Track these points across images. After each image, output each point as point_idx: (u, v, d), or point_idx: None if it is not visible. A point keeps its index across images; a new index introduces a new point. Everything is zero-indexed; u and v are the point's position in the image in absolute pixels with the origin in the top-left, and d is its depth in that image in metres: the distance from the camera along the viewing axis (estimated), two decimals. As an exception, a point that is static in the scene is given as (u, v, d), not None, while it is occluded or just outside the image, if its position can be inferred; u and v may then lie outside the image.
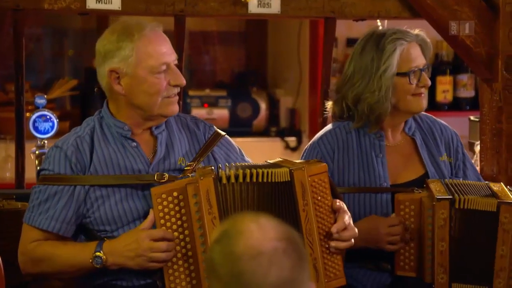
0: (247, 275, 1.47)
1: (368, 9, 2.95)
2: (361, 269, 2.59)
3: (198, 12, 2.85)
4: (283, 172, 2.28)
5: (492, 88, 2.93)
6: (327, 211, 2.31)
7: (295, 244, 1.51)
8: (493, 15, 2.88)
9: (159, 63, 2.32)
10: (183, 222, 2.27)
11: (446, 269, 2.48)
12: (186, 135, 2.46)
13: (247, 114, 4.77)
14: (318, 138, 2.65)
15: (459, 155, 2.69)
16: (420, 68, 2.57)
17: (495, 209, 2.45)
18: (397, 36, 2.56)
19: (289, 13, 2.93)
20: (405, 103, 2.58)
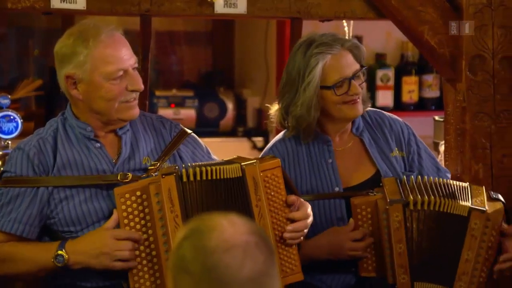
0: (221, 269, 1.46)
1: (334, 9, 2.96)
2: (326, 270, 2.60)
3: (164, 12, 2.84)
4: (235, 168, 2.28)
5: (456, 89, 2.95)
6: (282, 206, 2.32)
7: (265, 239, 1.52)
8: (457, 16, 2.91)
9: (115, 69, 2.31)
10: (147, 221, 2.27)
11: (406, 269, 2.49)
12: (151, 135, 2.45)
13: (214, 114, 4.76)
14: (268, 149, 2.66)
15: (412, 148, 2.69)
16: (348, 78, 2.53)
17: (466, 213, 2.46)
18: (320, 49, 2.52)
19: (255, 14, 2.93)
20: (338, 112, 2.57)
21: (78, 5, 2.75)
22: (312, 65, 2.52)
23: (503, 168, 2.92)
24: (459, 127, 2.95)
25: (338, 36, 2.60)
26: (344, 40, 2.58)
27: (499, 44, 2.89)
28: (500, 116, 2.92)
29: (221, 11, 2.88)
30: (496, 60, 2.90)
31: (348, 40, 2.60)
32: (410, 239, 2.48)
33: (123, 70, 2.32)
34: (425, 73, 4.60)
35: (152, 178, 2.29)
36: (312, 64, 2.52)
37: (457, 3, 2.91)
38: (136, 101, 2.37)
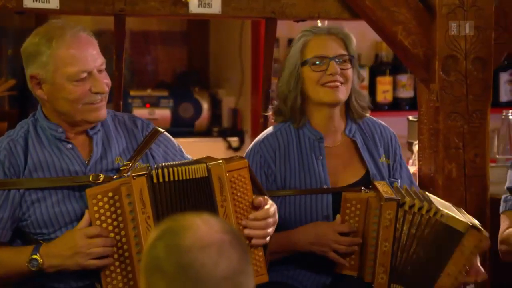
0: (197, 267, 1.45)
1: (309, 10, 2.96)
2: (302, 270, 2.60)
3: (138, 12, 2.83)
4: (200, 168, 2.27)
5: (429, 89, 2.97)
6: (248, 207, 2.31)
7: (239, 237, 1.52)
8: (430, 16, 2.93)
9: (77, 71, 2.28)
10: (119, 222, 2.26)
11: (386, 269, 2.49)
12: (123, 134, 2.44)
13: (189, 114, 4.75)
14: (259, 141, 2.65)
15: (397, 157, 2.72)
16: (328, 57, 2.58)
17: (463, 230, 2.45)
18: (306, 29, 2.64)
19: (229, 14, 2.93)
20: (314, 93, 2.59)
21: (51, 5, 2.73)
22: (295, 42, 2.62)
23: (475, 167, 2.94)
24: (433, 127, 2.97)
25: (332, 24, 2.65)
26: (333, 27, 2.64)
27: (472, 45, 2.91)
28: (472, 116, 2.95)
29: (195, 11, 2.87)
30: (469, 60, 2.92)
31: (339, 28, 2.64)
32: (397, 239, 2.49)
33: (86, 72, 2.29)
34: (399, 73, 4.63)
35: (123, 179, 2.28)
36: (295, 42, 2.62)
37: (430, 3, 2.93)
38: (102, 103, 2.35)
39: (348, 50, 2.61)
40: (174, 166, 2.28)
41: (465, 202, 2.93)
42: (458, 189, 2.91)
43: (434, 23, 2.91)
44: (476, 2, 2.90)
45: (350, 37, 2.63)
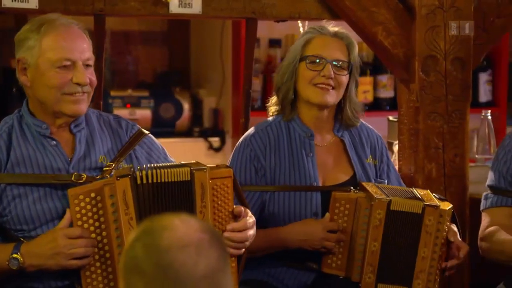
0: (176, 267, 1.45)
1: (289, 10, 2.97)
2: (284, 268, 2.61)
3: (118, 12, 2.82)
4: (184, 172, 2.26)
5: (409, 89, 2.98)
6: (227, 217, 2.30)
7: (218, 237, 1.52)
8: (410, 17, 2.94)
9: (61, 57, 2.29)
10: (101, 223, 2.25)
11: (374, 269, 2.51)
12: (108, 134, 2.43)
13: (170, 115, 4.74)
14: (250, 135, 2.65)
15: (384, 158, 2.74)
16: (326, 59, 2.59)
17: (420, 211, 2.49)
18: (313, 27, 2.66)
19: (210, 14, 2.93)
20: (305, 91, 2.61)
21: (30, 4, 2.72)
22: (300, 37, 2.65)
23: (455, 167, 2.96)
24: (413, 127, 2.98)
25: (340, 29, 2.66)
26: (340, 32, 2.65)
27: (451, 45, 2.93)
28: (452, 116, 2.96)
29: (176, 11, 2.87)
30: (448, 60, 2.94)
31: (345, 34, 2.64)
32: (386, 239, 2.51)
33: (70, 61, 2.30)
34: (379, 73, 4.64)
35: (107, 180, 2.27)
36: (300, 36, 2.65)
37: (410, 4, 2.94)
38: (83, 97, 2.34)
39: (349, 56, 2.62)
40: (158, 168, 2.27)
41: (445, 202, 2.94)
42: (438, 188, 2.93)
43: (413, 23, 2.93)
44: (455, 2, 2.92)
45: (354, 45, 2.64)
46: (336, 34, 2.63)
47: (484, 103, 4.70)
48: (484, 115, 3.47)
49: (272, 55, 4.64)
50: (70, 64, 2.30)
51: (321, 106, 2.62)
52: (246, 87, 3.12)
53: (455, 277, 2.62)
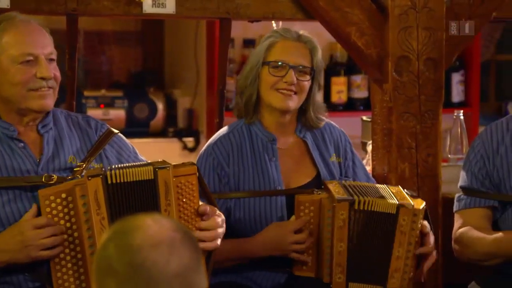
0: (148, 266, 1.45)
1: (263, 10, 2.97)
2: (257, 270, 2.60)
3: (91, 11, 2.81)
4: (147, 171, 2.25)
5: (382, 89, 3.00)
6: (193, 214, 2.29)
7: (190, 236, 1.52)
8: (383, 17, 2.95)
9: (22, 53, 2.27)
10: (72, 224, 2.24)
11: (343, 269, 2.51)
12: (77, 134, 2.42)
13: (144, 115, 4.73)
14: (212, 144, 2.65)
15: (348, 155, 2.74)
16: (289, 64, 2.59)
17: (394, 211, 2.50)
18: (277, 30, 2.65)
19: (184, 14, 2.92)
20: (267, 95, 2.61)
21: (2, 4, 2.70)
22: (263, 40, 2.63)
23: (427, 167, 2.98)
24: (386, 127, 3.00)
25: (304, 33, 2.65)
26: (304, 36, 2.63)
27: (424, 46, 2.95)
28: (425, 116, 2.98)
29: (149, 11, 2.86)
30: (421, 61, 2.96)
31: (308, 38, 2.64)
32: (351, 238, 2.51)
33: (33, 56, 2.29)
34: (353, 73, 4.66)
35: (78, 180, 2.26)
36: (264, 39, 2.63)
37: (383, 5, 2.95)
38: (48, 92, 2.32)
39: (312, 61, 2.62)
40: (125, 167, 2.27)
41: (418, 201, 2.96)
42: (411, 188, 2.93)
43: (386, 24, 2.94)
44: (428, 3, 2.93)
45: (318, 49, 2.64)
46: (300, 38, 2.62)
47: (457, 103, 4.74)
48: (456, 115, 3.50)
49: (246, 55, 4.64)
50: (33, 59, 2.29)
51: (283, 111, 2.62)
52: (220, 87, 3.11)
53: (429, 277, 2.63)
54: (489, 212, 2.65)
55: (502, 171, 2.63)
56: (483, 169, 2.66)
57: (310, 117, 2.67)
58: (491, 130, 2.69)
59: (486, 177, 2.65)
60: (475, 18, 3.01)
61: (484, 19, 3.05)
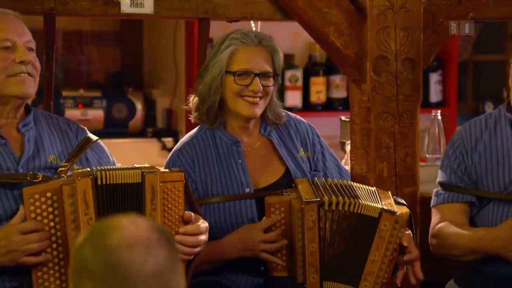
0: (124, 266, 1.45)
1: (241, 10, 2.97)
2: (235, 270, 2.60)
3: (69, 11, 2.79)
4: (135, 174, 2.26)
5: (361, 89, 3.00)
6: (177, 221, 2.30)
7: (167, 235, 1.52)
8: (361, 18, 2.96)
9: (0, 39, 2.29)
10: (56, 223, 2.23)
11: (317, 268, 2.52)
12: (57, 135, 2.41)
13: (123, 115, 4.71)
14: (177, 151, 2.64)
15: (317, 148, 2.73)
16: (254, 72, 2.58)
17: (376, 215, 2.50)
18: (236, 36, 2.60)
19: (162, 14, 2.91)
20: (234, 104, 2.60)
21: (-23, 3, 2.67)
22: (224, 47, 2.59)
23: (406, 167, 2.99)
24: (364, 127, 3.01)
25: (263, 35, 2.63)
26: (265, 39, 2.62)
27: (402, 46, 2.96)
28: (403, 116, 2.99)
29: (127, 11, 2.85)
30: (399, 61, 2.97)
31: (269, 41, 2.62)
32: (323, 238, 2.51)
33: (10, 41, 2.31)
34: (332, 73, 4.68)
35: (65, 179, 2.25)
36: (224, 46, 2.59)
37: (361, 5, 2.96)
38: (28, 79, 2.33)
39: (274, 65, 2.62)
40: (114, 169, 2.27)
41: (396, 201, 2.97)
42: (389, 188, 2.95)
43: (365, 24, 2.95)
44: (405, 3, 2.95)
45: (279, 52, 2.63)
46: (261, 42, 2.61)
47: (435, 103, 4.77)
48: (434, 115, 3.52)
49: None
50: (11, 45, 2.31)
51: (249, 118, 2.62)
52: (199, 87, 3.10)
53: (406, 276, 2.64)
54: (466, 208, 2.67)
55: (480, 167, 2.65)
56: (462, 165, 2.68)
57: (268, 117, 2.67)
58: (470, 127, 2.71)
59: (465, 173, 2.67)
60: (452, 19, 3.03)
61: (462, 20, 3.07)
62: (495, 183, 2.62)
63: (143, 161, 2.55)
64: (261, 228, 2.52)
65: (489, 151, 2.65)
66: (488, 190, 2.63)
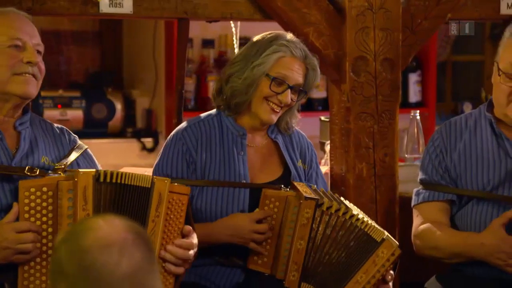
0: (97, 267, 1.45)
1: (221, 10, 2.97)
2: (212, 267, 2.60)
3: (47, 10, 2.78)
4: (145, 178, 2.29)
5: (340, 89, 3.01)
6: (176, 232, 2.34)
7: (143, 237, 1.52)
8: (340, 18, 2.97)
9: (12, 36, 2.32)
10: (48, 219, 2.23)
11: (299, 267, 2.52)
12: (50, 139, 2.43)
13: (102, 115, 4.69)
14: (182, 129, 2.64)
15: (313, 164, 2.76)
16: (289, 84, 2.59)
17: (379, 239, 2.48)
18: (287, 44, 2.60)
19: (141, 14, 2.91)
20: (257, 105, 2.61)
21: (-45, 2, 2.66)
22: (272, 51, 2.59)
23: (385, 166, 3.00)
24: (344, 127, 3.02)
25: (308, 51, 2.63)
26: (309, 57, 2.63)
27: (380, 46, 2.97)
28: (382, 116, 3.00)
29: (106, 11, 2.84)
30: (378, 61, 2.98)
31: (312, 59, 2.63)
32: (312, 239, 2.51)
33: (21, 41, 2.34)
34: (312, 74, 4.67)
35: (63, 176, 2.26)
36: (272, 50, 2.59)
37: (340, 5, 2.97)
38: (32, 80, 2.36)
39: (306, 82, 2.62)
40: (122, 172, 2.29)
41: (375, 201, 2.99)
42: (368, 187, 2.97)
43: (344, 24, 2.96)
44: (384, 4, 2.96)
45: (316, 72, 2.63)
46: (306, 60, 2.62)
47: (414, 103, 4.79)
48: (413, 115, 3.53)
49: (205, 55, 4.64)
50: (21, 45, 2.34)
51: (266, 123, 2.64)
52: (179, 87, 3.11)
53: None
54: (447, 206, 2.68)
55: (459, 167, 2.66)
56: (442, 163, 2.69)
57: (284, 122, 2.69)
58: (450, 126, 2.72)
59: (446, 171, 2.68)
60: (431, 19, 3.05)
61: (440, 20, 3.09)
62: (474, 183, 2.64)
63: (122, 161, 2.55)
64: (255, 218, 2.53)
65: (468, 151, 2.66)
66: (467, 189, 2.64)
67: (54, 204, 2.23)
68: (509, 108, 2.59)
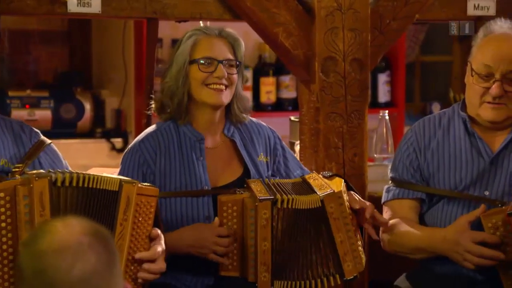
0: (51, 271, 1.45)
1: (190, 10, 2.96)
2: (185, 271, 2.59)
3: (13, 10, 2.75)
4: (113, 181, 2.26)
5: (309, 89, 3.02)
6: (144, 235, 2.31)
7: (103, 239, 1.51)
8: (309, 18, 2.98)
9: None
10: (7, 224, 2.19)
11: (268, 267, 2.52)
12: (10, 138, 2.38)
13: (71, 115, 4.65)
14: (139, 141, 2.63)
15: (278, 151, 2.75)
16: (217, 59, 2.60)
17: (319, 204, 2.51)
18: (197, 28, 2.66)
19: (110, 13, 2.89)
20: (198, 92, 2.61)
21: None
22: (187, 38, 2.63)
23: (354, 166, 3.01)
24: (313, 127, 3.02)
25: (224, 28, 2.66)
26: (224, 30, 2.65)
27: (349, 46, 2.99)
28: (351, 116, 3.02)
29: (74, 10, 2.82)
30: (347, 62, 2.99)
31: (229, 32, 2.65)
32: (275, 237, 2.51)
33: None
34: (282, 74, 4.69)
35: (19, 180, 2.22)
36: (187, 37, 2.63)
37: (309, 6, 2.98)
38: None
39: (236, 55, 2.64)
40: (83, 173, 2.26)
41: (345, 201, 2.99)
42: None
43: (313, 25, 2.97)
44: (353, 5, 2.97)
45: (240, 43, 2.66)
46: (221, 33, 2.64)
47: (383, 103, 4.82)
48: (382, 115, 3.55)
49: (175, 56, 4.61)
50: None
51: (216, 106, 2.63)
52: (148, 87, 3.09)
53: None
54: (417, 204, 2.70)
55: (432, 165, 2.68)
56: (414, 162, 2.70)
57: (234, 111, 2.68)
58: (424, 124, 2.73)
59: (417, 170, 2.70)
60: (399, 20, 3.07)
61: (408, 21, 3.11)
62: (446, 182, 2.66)
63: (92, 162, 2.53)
64: (216, 233, 2.51)
65: (441, 149, 2.68)
66: (439, 188, 2.66)
67: (13, 209, 2.19)
68: (482, 109, 2.61)
